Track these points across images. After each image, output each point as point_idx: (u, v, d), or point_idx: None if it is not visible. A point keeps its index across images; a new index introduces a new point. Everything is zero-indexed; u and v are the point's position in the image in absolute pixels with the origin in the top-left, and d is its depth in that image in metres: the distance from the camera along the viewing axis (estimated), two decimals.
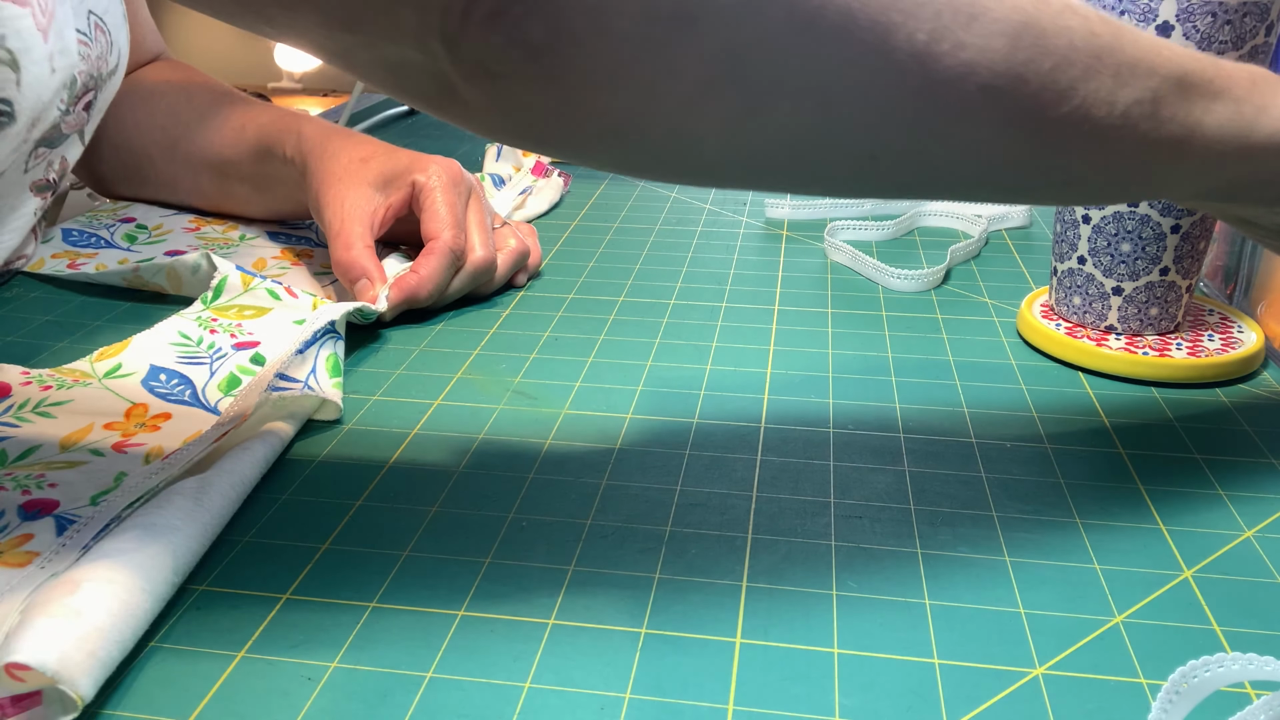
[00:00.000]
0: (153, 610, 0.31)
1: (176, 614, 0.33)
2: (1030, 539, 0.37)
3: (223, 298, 0.54)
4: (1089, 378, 0.49)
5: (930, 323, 0.55)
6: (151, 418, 0.44)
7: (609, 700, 0.29)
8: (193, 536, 0.34)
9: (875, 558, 0.36)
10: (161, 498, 0.35)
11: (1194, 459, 0.42)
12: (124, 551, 0.32)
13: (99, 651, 0.29)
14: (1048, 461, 0.42)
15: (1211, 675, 0.24)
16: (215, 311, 0.53)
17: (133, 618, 0.30)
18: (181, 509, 0.35)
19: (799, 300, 0.58)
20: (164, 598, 0.32)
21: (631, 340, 0.53)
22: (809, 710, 0.29)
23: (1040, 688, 0.30)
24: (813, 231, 0.70)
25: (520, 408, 0.46)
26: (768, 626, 0.32)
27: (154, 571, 0.32)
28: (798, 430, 0.44)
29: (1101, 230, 0.50)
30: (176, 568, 0.33)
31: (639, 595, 0.34)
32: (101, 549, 0.32)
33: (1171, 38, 0.45)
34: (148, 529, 0.33)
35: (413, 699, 0.30)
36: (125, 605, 0.30)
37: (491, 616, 0.33)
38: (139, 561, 0.32)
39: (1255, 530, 0.37)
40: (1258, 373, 0.49)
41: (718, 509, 0.38)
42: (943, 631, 0.32)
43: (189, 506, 0.35)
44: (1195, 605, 0.33)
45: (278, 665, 0.31)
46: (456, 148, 0.92)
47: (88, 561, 0.31)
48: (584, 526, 0.37)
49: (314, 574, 0.35)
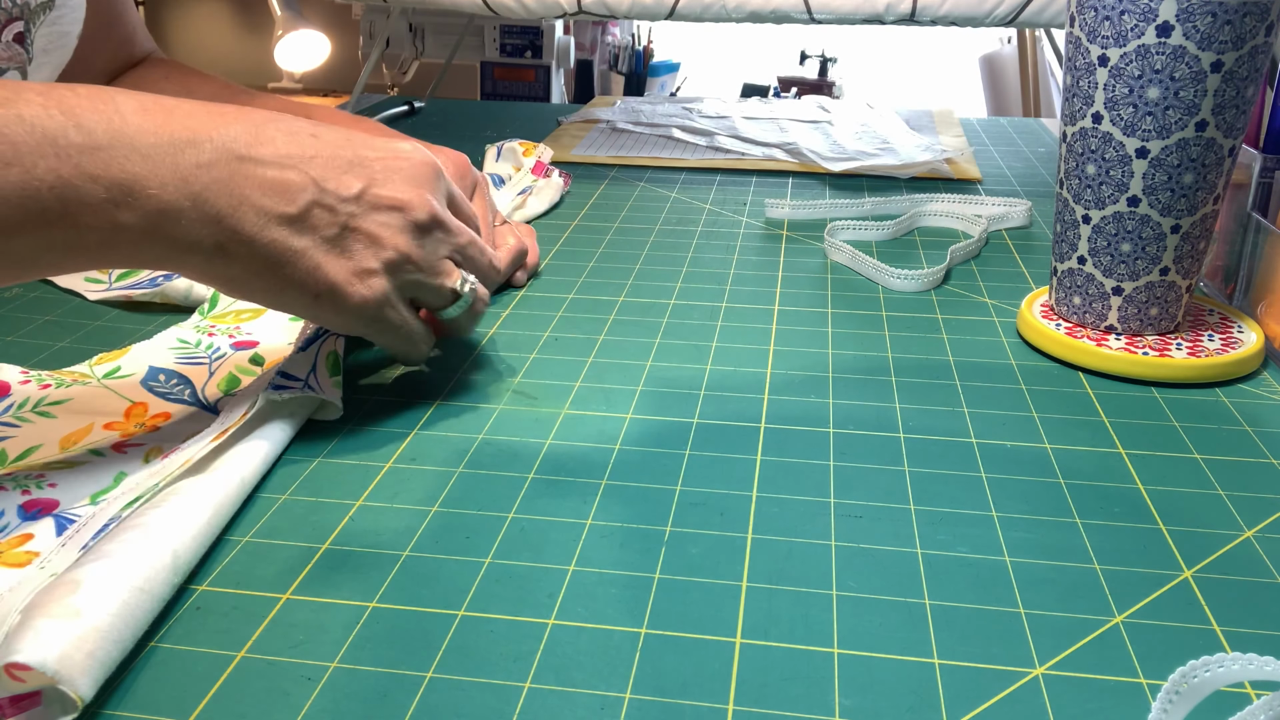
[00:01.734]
0: (152, 610, 0.31)
1: (176, 614, 0.33)
2: (1030, 539, 0.37)
3: (219, 307, 0.55)
4: (1089, 378, 0.49)
5: (930, 323, 0.55)
6: (151, 417, 0.44)
7: (609, 700, 0.29)
8: (192, 536, 0.34)
9: (875, 558, 0.36)
10: (161, 498, 0.35)
11: (1194, 459, 0.42)
12: (123, 552, 0.32)
13: (98, 652, 0.29)
14: (1048, 461, 0.42)
15: (1211, 675, 0.24)
16: (213, 320, 0.54)
17: (132, 618, 0.30)
18: (181, 509, 0.35)
19: (799, 300, 0.58)
20: (164, 598, 0.32)
21: (631, 340, 0.53)
22: (809, 710, 0.29)
23: (1040, 688, 0.30)
24: (813, 231, 0.70)
25: (520, 408, 0.46)
26: (768, 626, 0.32)
27: (153, 571, 0.32)
28: (798, 430, 0.44)
29: (1101, 230, 0.50)
30: (176, 567, 0.33)
31: (639, 595, 0.34)
32: (101, 549, 0.32)
33: (1172, 38, 0.45)
34: (147, 529, 0.33)
35: (413, 699, 0.30)
36: (125, 605, 0.30)
37: (491, 616, 0.33)
38: (138, 561, 0.32)
39: (1255, 530, 0.37)
40: (1258, 373, 0.49)
41: (718, 509, 0.38)
42: (943, 631, 0.32)
43: (188, 506, 0.35)
44: (1195, 605, 0.33)
45: (278, 665, 0.31)
46: (455, 148, 0.92)
47: (87, 561, 0.31)
48: (584, 526, 0.37)
49: (314, 574, 0.35)
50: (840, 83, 3.07)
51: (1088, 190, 0.50)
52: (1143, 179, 0.48)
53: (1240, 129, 0.48)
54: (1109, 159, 0.48)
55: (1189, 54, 0.45)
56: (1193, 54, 0.45)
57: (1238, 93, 0.46)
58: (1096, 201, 0.49)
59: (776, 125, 1.01)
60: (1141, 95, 0.46)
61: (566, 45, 2.09)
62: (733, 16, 0.91)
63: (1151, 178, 0.48)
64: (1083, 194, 0.50)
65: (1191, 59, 0.45)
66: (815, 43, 3.19)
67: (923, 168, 0.84)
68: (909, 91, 3.34)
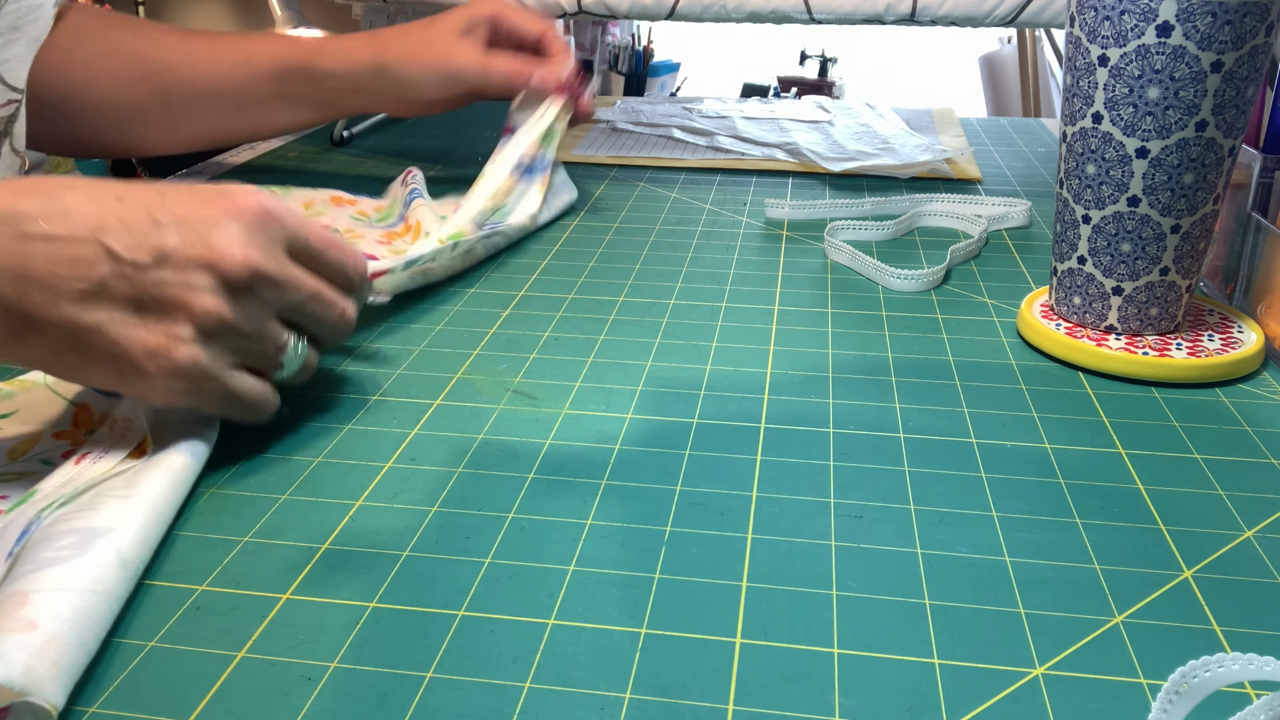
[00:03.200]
0: (110, 609, 0.31)
1: (176, 614, 0.33)
2: (1030, 539, 0.37)
3: None
4: (1089, 378, 0.49)
5: (930, 323, 0.55)
6: (96, 423, 0.43)
7: (609, 700, 0.29)
8: (134, 532, 0.34)
9: (875, 558, 0.36)
10: (89, 501, 0.35)
11: (1194, 459, 0.42)
12: (64, 559, 0.32)
13: (62, 659, 0.29)
14: (1048, 461, 0.42)
15: (1211, 675, 0.24)
16: None
17: (89, 619, 0.30)
18: (114, 509, 0.35)
19: (799, 300, 0.58)
20: (121, 595, 0.32)
21: (631, 340, 0.53)
22: (809, 710, 0.29)
23: (1040, 688, 0.30)
24: (813, 231, 0.70)
25: (520, 408, 0.46)
26: (768, 626, 0.32)
27: (100, 570, 0.32)
28: (798, 430, 0.44)
29: (1101, 230, 0.50)
30: (125, 563, 0.33)
31: (639, 595, 0.34)
32: (41, 559, 0.32)
33: (1172, 38, 0.45)
34: (83, 533, 0.33)
35: (413, 699, 0.30)
36: (78, 610, 0.30)
37: (491, 616, 0.33)
38: (82, 564, 0.32)
39: (1255, 530, 0.37)
40: (1258, 373, 0.49)
41: (718, 509, 0.38)
42: (943, 631, 0.32)
43: (121, 505, 0.35)
44: (1195, 605, 0.33)
45: (278, 665, 0.31)
46: (455, 148, 0.92)
47: (27, 573, 0.31)
48: (584, 526, 0.37)
49: (314, 574, 0.35)
50: (840, 83, 3.07)
51: (1088, 190, 0.50)
52: (1143, 179, 0.48)
53: (1240, 129, 0.48)
54: (1109, 159, 0.48)
55: (1189, 54, 0.45)
56: (1193, 54, 0.45)
57: (1238, 93, 0.46)
58: (1096, 201, 0.49)
59: (776, 125, 1.01)
60: (1141, 95, 0.46)
61: None
62: (733, 16, 0.91)
63: (1151, 178, 0.48)
64: (1083, 194, 0.50)
65: (1191, 59, 0.45)
66: (815, 43, 3.19)
67: (923, 168, 0.84)
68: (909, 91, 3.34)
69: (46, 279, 0.36)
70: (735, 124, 1.01)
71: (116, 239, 0.37)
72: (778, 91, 2.95)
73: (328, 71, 0.71)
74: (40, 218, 0.36)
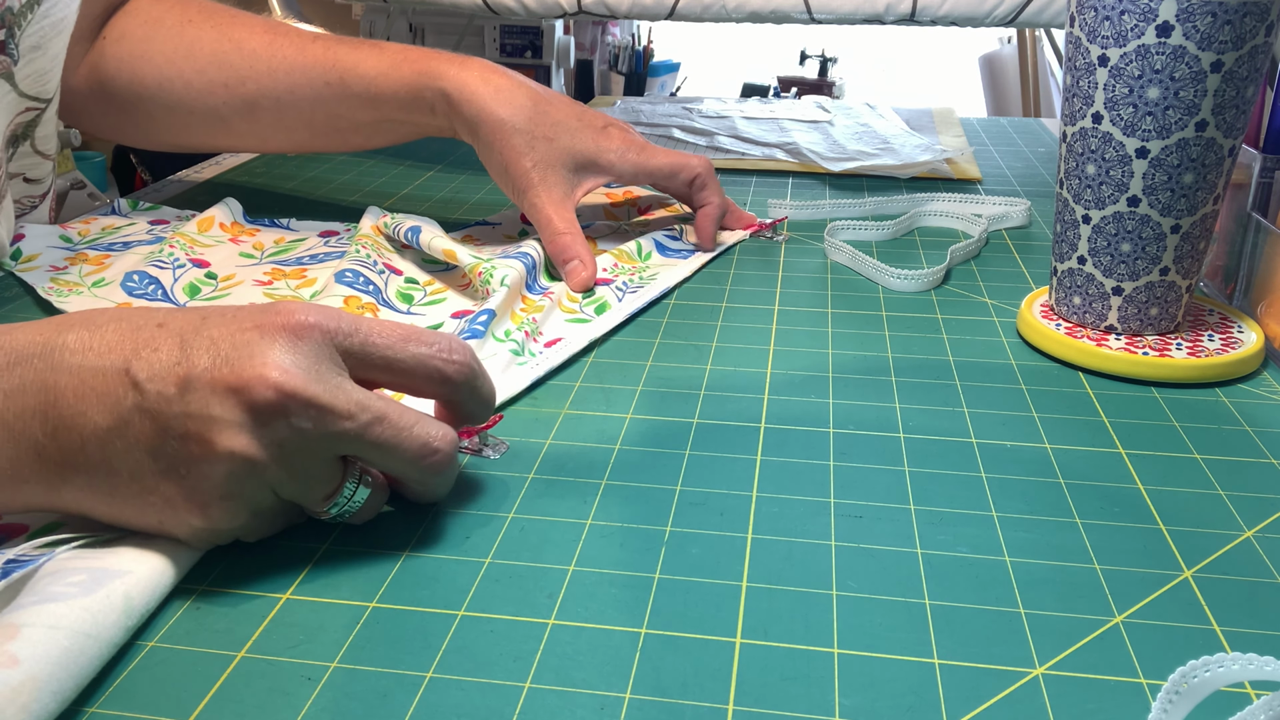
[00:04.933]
0: (101, 656, 0.30)
1: (176, 614, 0.33)
2: (1030, 539, 0.37)
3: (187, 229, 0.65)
4: (1089, 378, 0.49)
5: (930, 323, 0.55)
6: None
7: (609, 700, 0.29)
8: (147, 579, 0.33)
9: (875, 558, 0.36)
10: (108, 541, 0.34)
11: (1194, 459, 0.42)
12: (69, 596, 0.30)
13: (33, 705, 0.27)
14: (1048, 461, 0.42)
15: (1211, 675, 0.24)
16: (174, 237, 0.63)
17: (75, 666, 0.29)
18: (132, 554, 0.33)
19: (799, 300, 0.58)
20: (115, 643, 0.31)
21: (632, 340, 0.53)
22: (809, 710, 0.29)
23: (1040, 688, 0.30)
24: (813, 231, 0.70)
25: (520, 408, 0.46)
26: (768, 626, 0.32)
27: (102, 615, 0.30)
28: (798, 430, 0.44)
29: (1101, 230, 0.50)
30: (130, 610, 0.31)
31: (639, 595, 0.34)
32: (47, 592, 0.31)
33: (1172, 38, 0.45)
34: (94, 573, 0.32)
35: (413, 699, 0.30)
36: (66, 652, 0.29)
37: (491, 616, 0.33)
38: (86, 606, 0.30)
39: (1255, 530, 0.37)
40: (1258, 373, 0.49)
41: (717, 509, 0.38)
42: (943, 631, 0.32)
43: (139, 551, 0.34)
44: (1195, 605, 0.33)
45: (278, 665, 0.31)
46: (455, 147, 0.92)
47: (30, 604, 0.30)
48: (584, 526, 0.37)
49: (314, 574, 0.35)
50: (840, 83, 3.07)
51: (1088, 190, 0.50)
52: (1143, 179, 0.48)
53: (1240, 129, 0.48)
54: (1109, 159, 0.48)
55: (1189, 54, 0.45)
56: (1193, 54, 0.45)
57: (1238, 93, 0.46)
58: (1096, 201, 0.49)
59: (776, 125, 1.01)
60: (1141, 95, 0.46)
61: (566, 45, 2.09)
62: (733, 16, 0.91)
63: (1151, 178, 0.48)
64: (1083, 194, 0.50)
65: (1191, 59, 0.45)
66: (815, 43, 3.19)
67: (923, 168, 0.84)
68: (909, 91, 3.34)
69: (73, 419, 0.32)
70: (735, 124, 1.01)
71: (143, 367, 0.33)
72: (778, 91, 2.95)
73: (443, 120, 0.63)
74: (77, 350, 0.33)
